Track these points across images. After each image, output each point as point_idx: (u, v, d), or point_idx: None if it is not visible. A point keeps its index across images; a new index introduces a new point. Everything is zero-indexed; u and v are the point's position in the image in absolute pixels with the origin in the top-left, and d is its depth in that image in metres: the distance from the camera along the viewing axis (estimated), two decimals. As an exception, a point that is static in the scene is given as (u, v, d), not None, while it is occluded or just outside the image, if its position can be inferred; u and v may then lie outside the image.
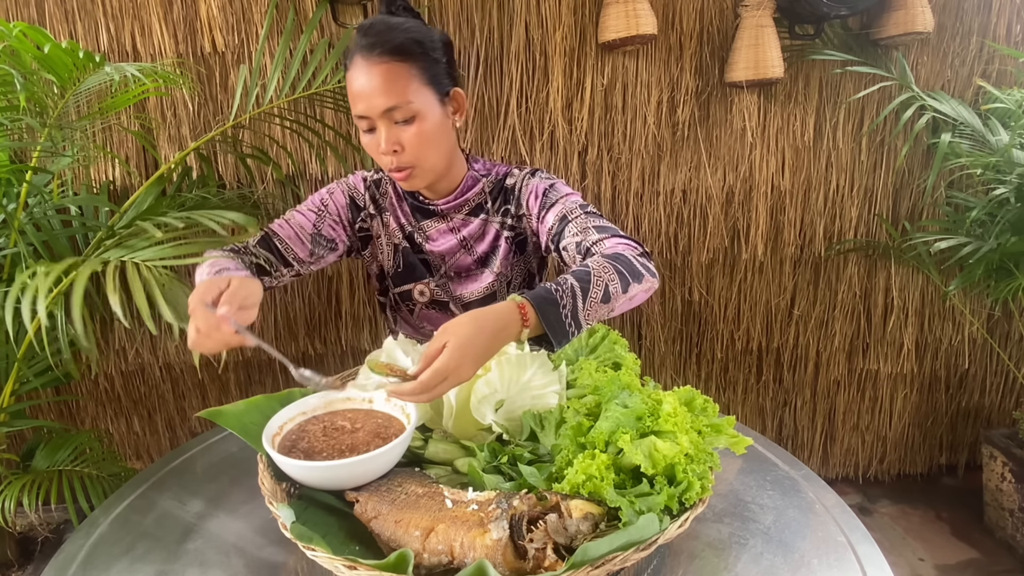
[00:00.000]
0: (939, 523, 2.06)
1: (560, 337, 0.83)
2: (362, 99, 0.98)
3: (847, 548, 0.76)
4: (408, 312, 1.27)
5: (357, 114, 1.00)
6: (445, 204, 1.15)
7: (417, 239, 1.19)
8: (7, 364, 1.43)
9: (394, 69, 0.97)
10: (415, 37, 1.00)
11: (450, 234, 1.18)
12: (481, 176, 1.17)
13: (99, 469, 1.49)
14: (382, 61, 0.97)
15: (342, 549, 0.64)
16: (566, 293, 0.85)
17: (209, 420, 0.81)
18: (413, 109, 0.99)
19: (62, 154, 1.41)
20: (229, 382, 1.99)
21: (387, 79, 0.97)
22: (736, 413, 2.17)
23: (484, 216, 1.17)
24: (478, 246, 1.19)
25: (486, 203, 1.17)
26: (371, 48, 0.97)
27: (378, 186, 1.20)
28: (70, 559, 0.77)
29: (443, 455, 0.79)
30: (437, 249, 1.19)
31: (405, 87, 0.97)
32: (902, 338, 2.10)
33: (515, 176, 1.17)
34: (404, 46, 0.98)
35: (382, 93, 0.97)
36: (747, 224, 1.99)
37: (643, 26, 1.67)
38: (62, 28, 1.64)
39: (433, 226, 1.18)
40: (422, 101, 0.99)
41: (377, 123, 1.00)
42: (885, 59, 1.86)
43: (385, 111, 0.98)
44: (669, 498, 0.65)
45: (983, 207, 1.79)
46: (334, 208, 1.16)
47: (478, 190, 1.16)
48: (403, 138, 1.00)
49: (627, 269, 0.92)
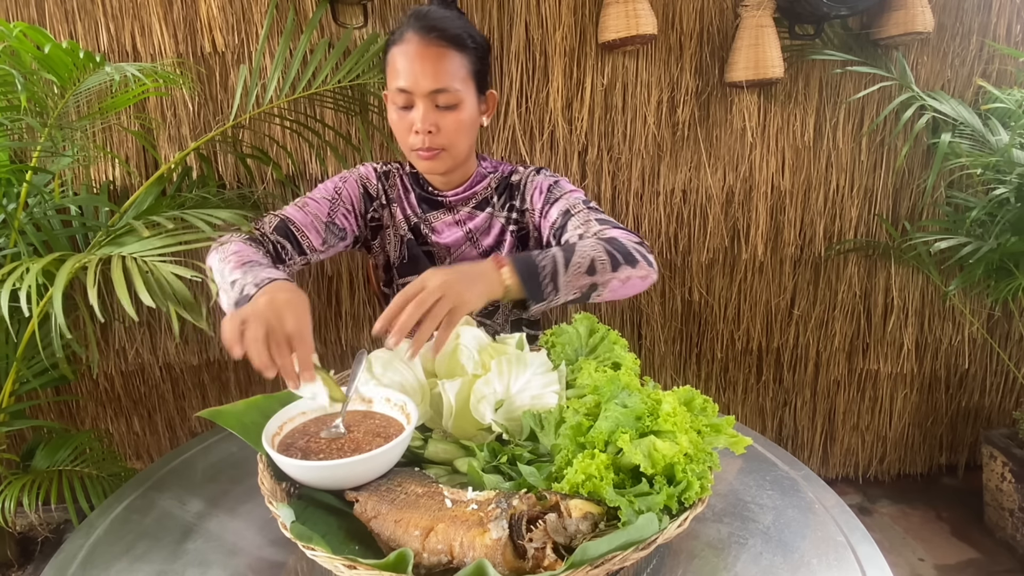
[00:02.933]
0: (939, 523, 2.06)
1: (535, 293, 0.86)
2: (410, 75, 1.02)
3: (847, 548, 0.76)
4: None
5: (399, 87, 1.03)
6: (454, 195, 1.18)
7: (423, 230, 1.21)
8: (6, 364, 1.43)
9: (449, 55, 1.02)
10: (471, 33, 1.07)
11: (456, 227, 1.20)
12: (488, 172, 1.21)
13: (99, 469, 1.49)
14: (439, 45, 1.02)
15: (342, 549, 0.64)
16: (547, 256, 0.88)
17: (209, 420, 0.81)
18: (458, 97, 1.04)
19: (62, 154, 1.41)
20: (229, 382, 1.99)
21: (440, 63, 1.02)
22: (736, 413, 2.17)
23: (490, 211, 1.21)
24: (483, 240, 1.21)
25: (492, 198, 1.21)
26: (428, 31, 1.01)
27: (387, 177, 1.21)
28: (70, 559, 0.77)
29: (443, 455, 0.79)
30: (443, 241, 1.20)
31: (455, 75, 1.03)
32: (902, 338, 2.10)
33: (520, 173, 1.21)
34: (460, 38, 1.04)
35: (433, 74, 1.01)
36: (747, 224, 1.99)
37: (643, 26, 1.67)
38: (62, 28, 1.64)
39: (439, 218, 1.20)
40: (465, 92, 1.05)
41: (418, 101, 1.03)
42: (885, 59, 1.86)
43: (431, 92, 1.02)
44: (668, 498, 0.64)
45: (983, 207, 1.79)
46: (347, 197, 1.16)
47: (485, 185, 1.20)
48: (441, 122, 1.04)
49: (620, 251, 0.94)
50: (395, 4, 1.72)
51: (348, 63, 1.63)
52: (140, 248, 1.08)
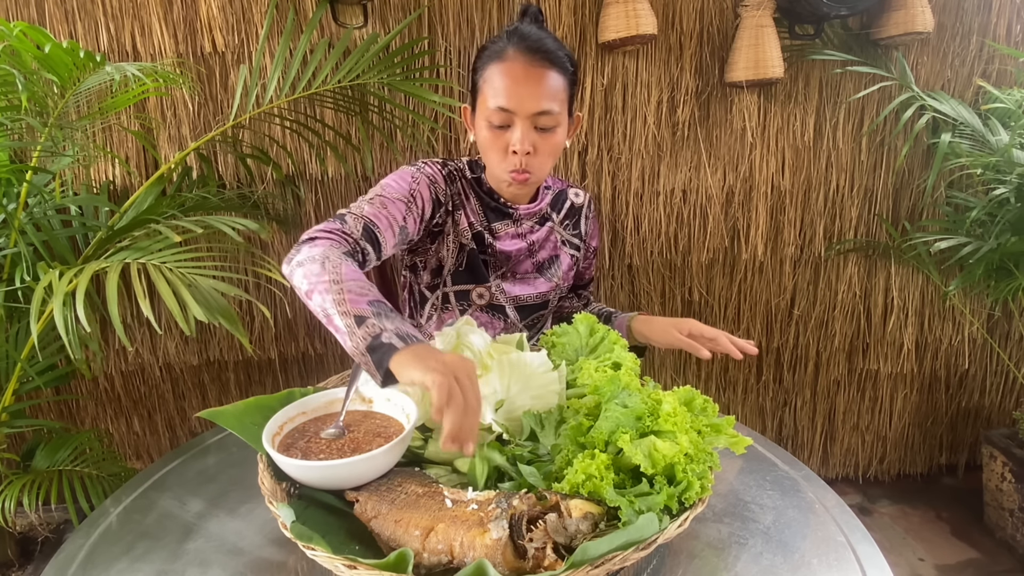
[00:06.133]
0: (939, 523, 2.06)
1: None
2: (513, 95, 1.00)
3: (847, 548, 0.76)
4: (458, 312, 1.20)
5: (500, 106, 1.01)
6: (525, 210, 1.18)
7: (486, 239, 1.16)
8: (8, 364, 1.43)
9: (554, 78, 1.02)
10: (571, 57, 1.07)
11: (519, 238, 1.20)
12: (546, 188, 1.22)
13: (99, 469, 1.49)
14: (546, 67, 1.01)
15: (342, 549, 0.64)
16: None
17: (209, 420, 0.81)
18: (558, 119, 1.03)
19: (62, 154, 1.40)
20: (229, 382, 1.99)
21: (547, 85, 1.01)
22: (736, 413, 2.17)
23: (550, 224, 1.23)
24: (541, 252, 1.22)
25: (550, 213, 1.24)
26: (534, 51, 1.00)
27: (452, 181, 1.15)
28: (70, 559, 0.77)
29: (443, 455, 0.79)
30: (505, 248, 1.18)
31: (556, 96, 1.02)
32: (902, 338, 2.10)
33: (580, 197, 1.27)
34: (564, 62, 1.04)
35: (539, 96, 1.00)
36: (747, 224, 1.99)
37: (643, 26, 1.67)
38: (62, 28, 1.64)
39: (504, 228, 1.19)
40: (562, 114, 1.05)
41: (518, 122, 1.02)
42: (885, 59, 1.86)
43: (536, 113, 1.01)
44: (669, 498, 0.65)
45: (983, 207, 1.79)
46: (421, 202, 1.08)
47: (548, 200, 1.22)
48: (538, 144, 1.03)
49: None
50: (395, 4, 1.72)
51: (348, 63, 1.62)
52: (171, 255, 1.08)
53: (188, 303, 0.98)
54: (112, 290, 1.01)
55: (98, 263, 1.08)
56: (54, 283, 1.02)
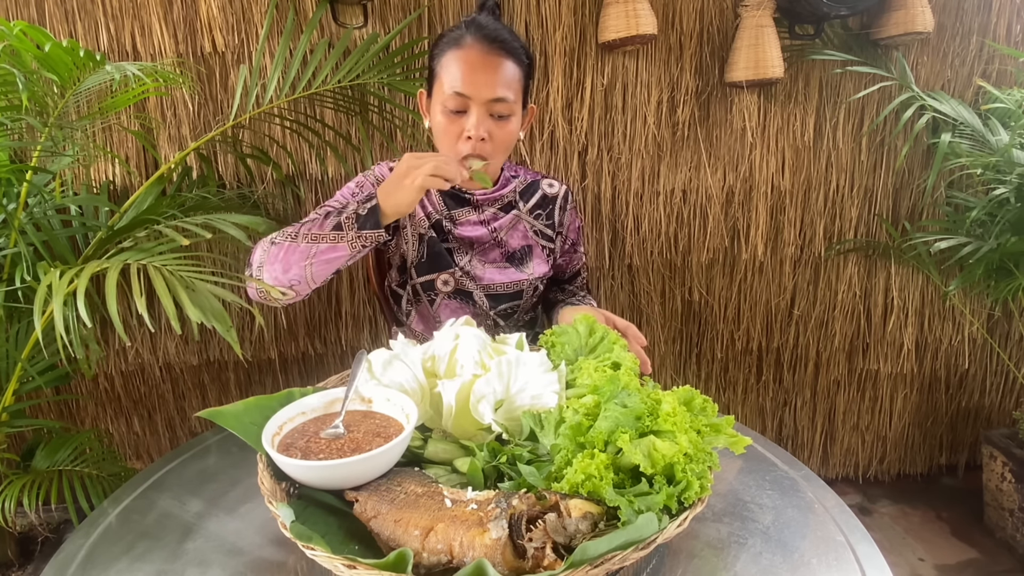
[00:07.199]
0: (939, 523, 2.06)
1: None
2: (470, 82, 1.03)
3: (847, 548, 0.76)
4: (428, 304, 1.24)
5: (457, 91, 1.03)
6: (482, 195, 1.19)
7: (445, 226, 1.20)
8: (8, 364, 1.43)
9: (510, 67, 1.06)
10: (527, 49, 1.10)
11: (480, 225, 1.21)
12: (512, 176, 1.24)
13: (99, 469, 1.49)
14: (502, 56, 1.04)
15: (341, 548, 0.64)
16: None
17: (209, 420, 0.81)
18: (512, 108, 1.07)
19: (62, 154, 1.40)
20: (229, 382, 1.99)
21: (503, 73, 1.04)
22: (736, 413, 2.18)
23: (516, 213, 1.23)
24: (509, 239, 1.23)
25: (516, 201, 1.23)
26: (491, 40, 1.03)
27: None
28: (70, 559, 0.77)
29: (443, 455, 0.79)
30: (466, 234, 1.20)
31: (511, 85, 1.06)
32: (902, 338, 2.10)
33: (554, 188, 1.27)
34: (519, 52, 1.07)
35: (495, 84, 1.03)
36: (747, 224, 1.99)
37: (643, 26, 1.67)
38: (62, 28, 1.64)
39: (464, 215, 1.20)
40: (517, 104, 1.08)
41: (473, 108, 1.04)
42: (885, 59, 1.86)
43: (491, 100, 1.04)
44: (668, 497, 0.64)
45: (983, 207, 1.79)
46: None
47: (511, 189, 1.23)
48: (493, 131, 1.06)
49: None
50: (395, 4, 1.72)
51: (348, 63, 1.63)
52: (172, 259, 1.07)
53: (184, 303, 0.98)
54: (111, 290, 1.01)
55: (98, 263, 1.08)
56: (54, 283, 1.02)
